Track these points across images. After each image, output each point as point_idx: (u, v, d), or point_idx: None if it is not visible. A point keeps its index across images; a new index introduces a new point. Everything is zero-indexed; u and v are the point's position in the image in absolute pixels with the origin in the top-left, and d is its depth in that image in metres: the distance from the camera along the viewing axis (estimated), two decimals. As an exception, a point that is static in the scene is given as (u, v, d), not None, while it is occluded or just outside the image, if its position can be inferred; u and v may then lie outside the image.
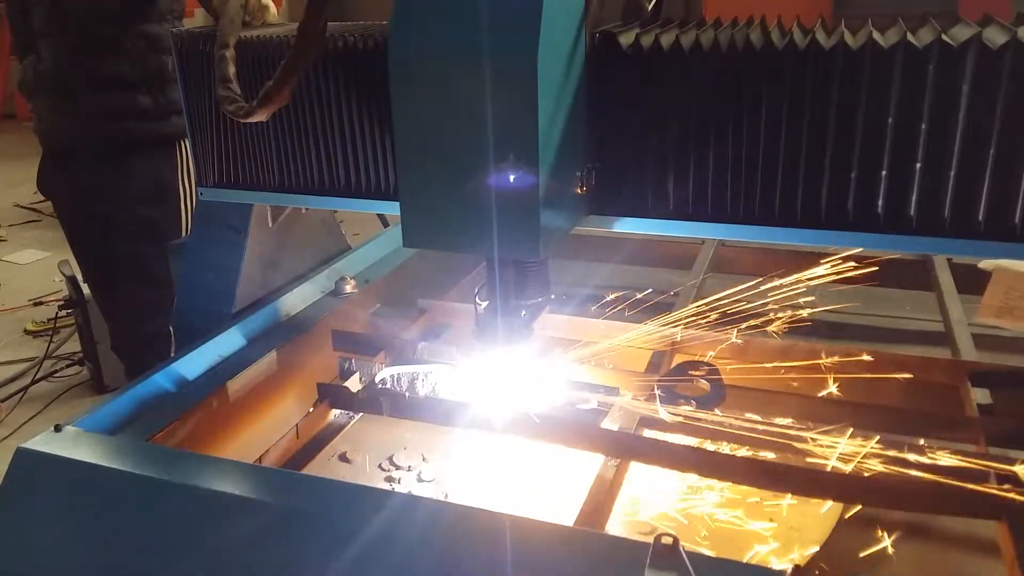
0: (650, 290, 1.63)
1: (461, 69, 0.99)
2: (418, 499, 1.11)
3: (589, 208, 1.18)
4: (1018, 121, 0.97)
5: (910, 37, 0.99)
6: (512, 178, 1.00)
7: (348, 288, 1.70)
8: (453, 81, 1.00)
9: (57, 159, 2.37)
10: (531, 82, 0.95)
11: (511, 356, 1.27)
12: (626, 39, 1.09)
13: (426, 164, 1.05)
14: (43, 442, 1.16)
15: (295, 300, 1.65)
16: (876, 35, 1.01)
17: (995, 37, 0.95)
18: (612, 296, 1.64)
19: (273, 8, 1.48)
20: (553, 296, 1.28)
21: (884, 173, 1.04)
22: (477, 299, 1.25)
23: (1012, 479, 1.10)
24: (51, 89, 2.29)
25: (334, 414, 1.45)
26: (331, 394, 1.40)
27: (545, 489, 1.29)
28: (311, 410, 1.41)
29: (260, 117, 1.20)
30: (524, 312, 1.24)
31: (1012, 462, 1.13)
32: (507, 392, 1.31)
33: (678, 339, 1.50)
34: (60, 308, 3.76)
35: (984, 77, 0.96)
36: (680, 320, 1.51)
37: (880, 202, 1.05)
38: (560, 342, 1.48)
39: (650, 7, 1.22)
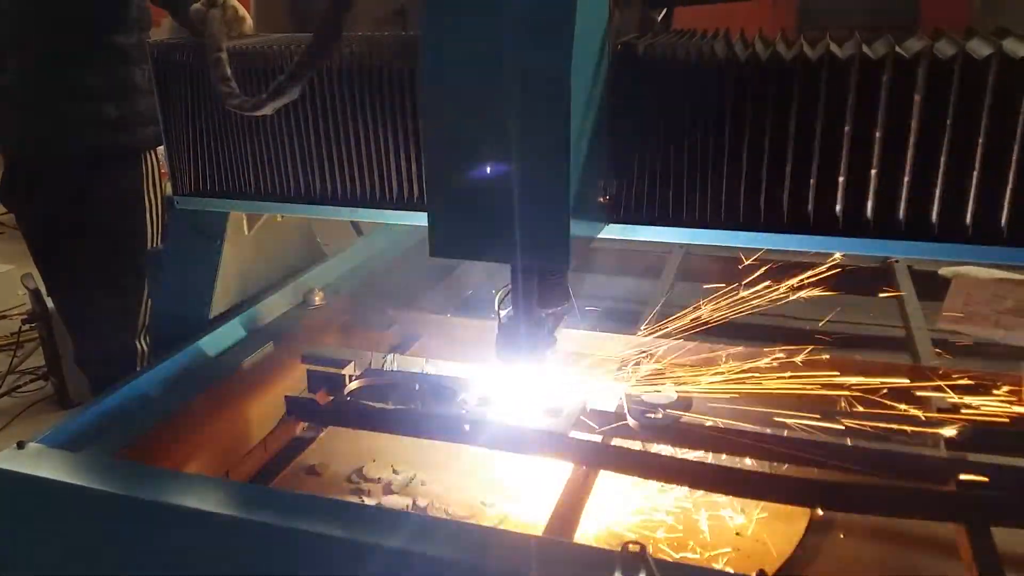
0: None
1: (493, 81, 0.99)
2: (383, 511, 1.11)
3: (610, 216, 1.19)
4: (967, 128, 1.00)
5: (865, 49, 1.01)
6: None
7: (317, 300, 1.70)
8: (485, 93, 1.00)
9: (20, 170, 2.34)
10: (563, 93, 0.96)
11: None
12: (639, 49, 1.11)
13: (455, 175, 1.05)
14: (5, 459, 1.14)
15: (263, 312, 1.64)
16: (833, 47, 1.04)
17: (945, 49, 0.98)
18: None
19: (249, 20, 1.50)
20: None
21: (842, 179, 1.06)
22: (499, 309, 1.25)
23: (971, 482, 1.12)
24: (15, 100, 2.26)
25: (302, 427, 1.44)
26: (299, 407, 1.40)
27: (515, 498, 1.30)
28: (279, 423, 1.40)
29: (267, 110, 1.24)
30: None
31: (971, 465, 1.16)
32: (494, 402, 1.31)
33: (647, 348, 1.52)
34: (23, 322, 3.69)
35: (935, 87, 0.99)
36: (649, 329, 1.53)
37: (838, 207, 1.08)
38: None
39: (659, 19, 1.25)
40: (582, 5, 0.96)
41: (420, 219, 1.30)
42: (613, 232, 1.20)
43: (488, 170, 1.02)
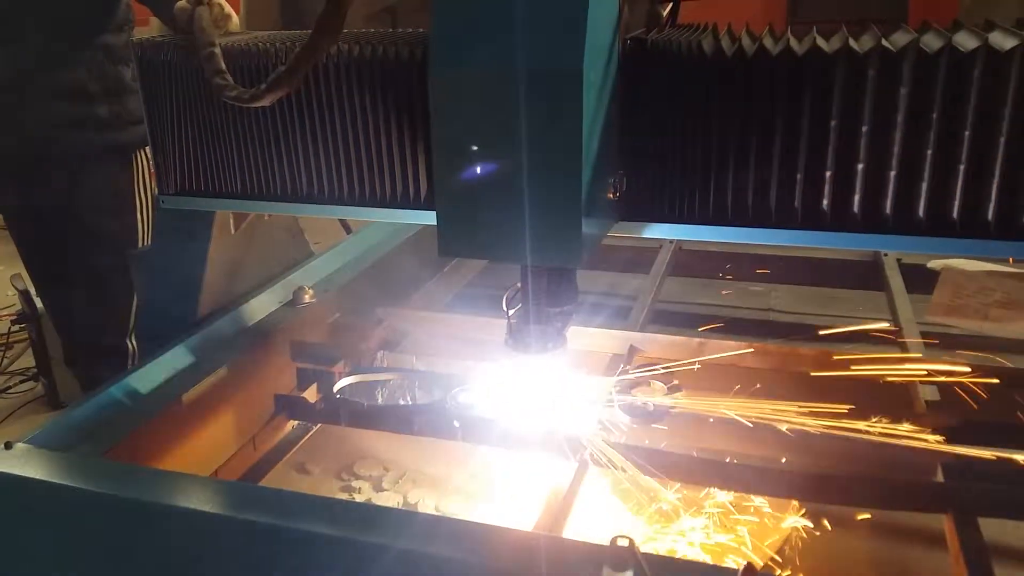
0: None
1: (505, 77, 0.98)
2: (374, 508, 1.10)
3: (619, 214, 1.18)
4: (953, 121, 1.00)
5: (852, 43, 1.01)
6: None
7: (306, 298, 1.69)
8: (496, 90, 0.99)
9: (9, 170, 2.33)
10: (577, 90, 0.96)
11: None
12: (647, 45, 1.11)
13: (464, 173, 1.03)
14: (-8, 460, 1.14)
15: (252, 311, 1.63)
16: (820, 41, 1.04)
17: (931, 43, 0.98)
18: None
19: (235, 17, 1.49)
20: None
21: (828, 173, 1.06)
22: (506, 308, 1.24)
23: (958, 474, 1.13)
24: (5, 99, 2.25)
25: (292, 425, 1.44)
26: (288, 405, 1.39)
27: (505, 494, 1.30)
28: (268, 422, 1.40)
29: (265, 102, 1.23)
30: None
31: (958, 457, 1.16)
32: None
33: (637, 341, 1.52)
34: (13, 323, 3.68)
35: (921, 80, 0.99)
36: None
37: (825, 201, 1.08)
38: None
39: (666, 13, 1.25)
40: (594, 0, 0.95)
41: (411, 217, 1.29)
42: (620, 230, 1.19)
43: (499, 168, 1.01)
